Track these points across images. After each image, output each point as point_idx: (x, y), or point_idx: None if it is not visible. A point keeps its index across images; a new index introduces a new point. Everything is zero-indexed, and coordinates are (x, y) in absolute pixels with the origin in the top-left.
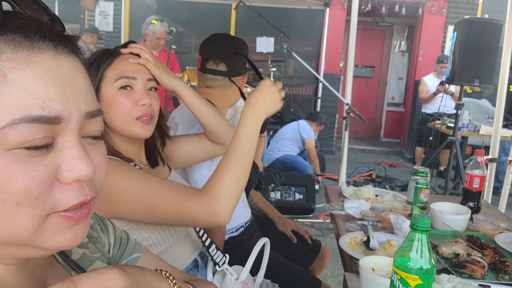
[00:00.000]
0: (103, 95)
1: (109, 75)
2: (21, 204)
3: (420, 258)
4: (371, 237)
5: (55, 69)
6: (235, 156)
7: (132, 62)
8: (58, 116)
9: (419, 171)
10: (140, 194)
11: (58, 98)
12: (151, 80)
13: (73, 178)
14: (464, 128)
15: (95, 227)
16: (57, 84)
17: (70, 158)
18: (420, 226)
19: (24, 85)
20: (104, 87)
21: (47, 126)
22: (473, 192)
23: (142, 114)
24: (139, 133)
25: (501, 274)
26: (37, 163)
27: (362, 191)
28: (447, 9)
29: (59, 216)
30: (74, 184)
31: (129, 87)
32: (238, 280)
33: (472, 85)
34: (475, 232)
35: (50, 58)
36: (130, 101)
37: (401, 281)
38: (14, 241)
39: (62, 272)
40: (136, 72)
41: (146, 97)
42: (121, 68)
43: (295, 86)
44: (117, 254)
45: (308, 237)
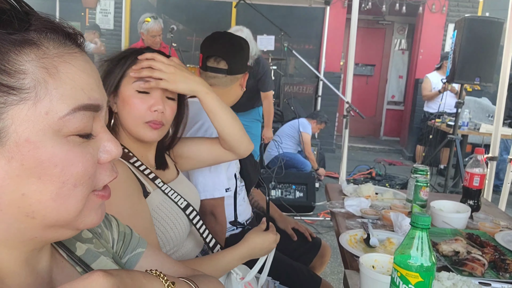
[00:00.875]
0: (121, 93)
1: (130, 74)
2: (78, 184)
3: (420, 255)
4: (371, 234)
5: (87, 63)
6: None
7: (144, 87)
8: (99, 104)
9: (419, 169)
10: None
11: (96, 89)
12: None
13: (111, 158)
14: (464, 126)
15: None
16: (91, 76)
17: (105, 141)
18: (420, 223)
19: (73, 77)
20: (123, 85)
21: (93, 113)
22: (473, 190)
23: (152, 120)
24: (145, 137)
25: (501, 272)
26: (88, 147)
27: (362, 189)
28: (448, 7)
29: (97, 195)
30: (108, 164)
31: (146, 91)
32: (243, 280)
33: (473, 83)
34: (475, 230)
35: (80, 55)
36: (144, 105)
37: (401, 278)
38: (62, 222)
39: (67, 267)
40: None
41: (159, 104)
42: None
43: (295, 84)
44: (121, 250)
45: (308, 234)
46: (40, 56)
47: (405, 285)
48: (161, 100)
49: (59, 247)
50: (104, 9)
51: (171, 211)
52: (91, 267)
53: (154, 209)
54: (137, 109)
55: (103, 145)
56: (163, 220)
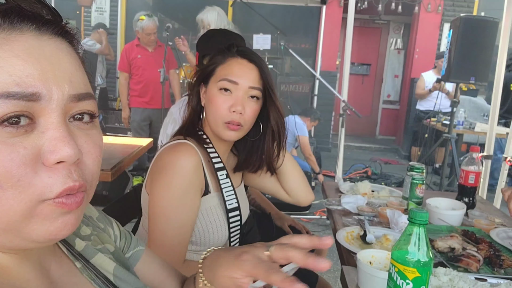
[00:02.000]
0: (208, 90)
1: (218, 73)
2: (5, 187)
3: (417, 251)
4: (367, 231)
5: (35, 47)
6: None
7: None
8: (36, 93)
9: (415, 167)
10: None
11: (36, 76)
12: (254, 88)
13: (55, 159)
14: (459, 125)
15: (101, 218)
16: (36, 62)
17: (52, 139)
18: (418, 219)
19: (1, 63)
20: (211, 83)
21: (24, 103)
22: (468, 188)
23: (231, 120)
24: (222, 135)
25: (496, 267)
26: (16, 145)
27: (359, 186)
28: (443, 7)
29: (54, 203)
30: (60, 168)
31: (229, 90)
32: (253, 283)
33: (468, 82)
34: (470, 227)
35: (30, 38)
36: (226, 105)
37: (399, 274)
38: (5, 225)
39: (66, 261)
40: (239, 77)
41: (239, 105)
42: (229, 70)
43: (292, 83)
44: (125, 245)
45: (305, 232)
46: None
47: (402, 280)
48: (242, 100)
49: (59, 241)
50: (99, 7)
51: (217, 219)
52: (91, 262)
53: (206, 209)
54: (218, 107)
55: (48, 144)
56: (209, 222)
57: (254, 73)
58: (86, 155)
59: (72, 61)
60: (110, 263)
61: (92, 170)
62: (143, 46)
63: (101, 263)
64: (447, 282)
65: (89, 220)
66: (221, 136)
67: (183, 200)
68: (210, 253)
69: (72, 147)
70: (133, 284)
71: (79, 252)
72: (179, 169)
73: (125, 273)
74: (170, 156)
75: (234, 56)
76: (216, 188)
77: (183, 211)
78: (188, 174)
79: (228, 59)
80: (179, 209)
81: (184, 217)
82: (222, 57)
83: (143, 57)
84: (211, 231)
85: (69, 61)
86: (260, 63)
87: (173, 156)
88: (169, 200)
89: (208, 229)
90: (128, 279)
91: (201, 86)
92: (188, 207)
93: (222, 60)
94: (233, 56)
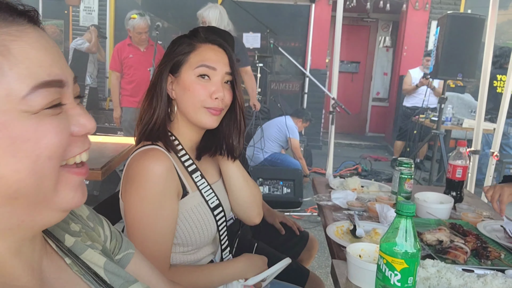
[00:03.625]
0: (181, 79)
1: (192, 60)
2: (53, 156)
3: (405, 242)
4: (357, 225)
5: (42, 39)
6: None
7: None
8: (62, 80)
9: (403, 162)
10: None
11: (56, 65)
12: (228, 73)
13: (85, 131)
14: (447, 121)
15: (91, 217)
16: (49, 52)
17: (78, 116)
18: (405, 211)
19: (28, 54)
20: (184, 71)
21: (57, 89)
22: (456, 182)
23: (213, 107)
24: (205, 122)
25: (483, 259)
26: (59, 119)
27: (349, 182)
28: (431, 4)
29: (71, 171)
30: (79, 137)
31: (207, 76)
32: (244, 281)
33: (455, 79)
34: (458, 220)
35: (31, 30)
36: (205, 91)
37: (387, 265)
38: (43, 199)
39: (56, 258)
40: (217, 63)
41: (220, 91)
42: (204, 56)
43: (282, 81)
44: (115, 247)
45: (296, 228)
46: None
47: (391, 271)
48: (221, 86)
49: (49, 237)
50: (88, 6)
51: (203, 215)
52: (80, 258)
53: (187, 210)
54: (198, 95)
55: (76, 119)
56: (192, 222)
57: (226, 59)
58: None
59: (57, 47)
60: (100, 258)
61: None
62: (135, 45)
63: (91, 258)
64: (435, 274)
65: (79, 218)
66: (201, 122)
67: (159, 208)
68: None
69: (92, 121)
70: (124, 277)
71: (69, 248)
72: (151, 177)
73: (115, 267)
74: (140, 164)
75: (204, 42)
76: (193, 187)
77: (160, 219)
78: (161, 181)
79: (198, 45)
80: (156, 218)
81: (163, 224)
82: (190, 44)
83: (135, 56)
84: (198, 230)
85: (57, 47)
86: (228, 48)
87: (143, 163)
88: (145, 211)
89: (193, 229)
90: (119, 273)
91: (168, 78)
92: (165, 214)
93: (193, 47)
94: (203, 42)
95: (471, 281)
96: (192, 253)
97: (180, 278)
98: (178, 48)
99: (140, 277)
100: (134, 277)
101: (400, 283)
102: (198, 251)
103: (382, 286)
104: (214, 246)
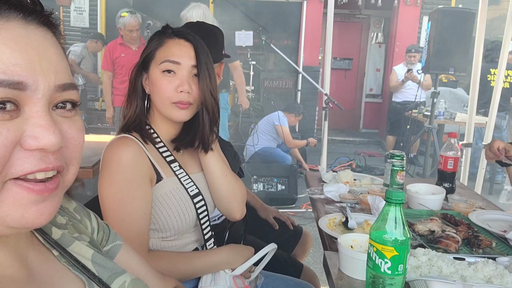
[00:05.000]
0: (150, 75)
1: (158, 55)
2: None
3: (395, 230)
4: (349, 217)
5: (23, 37)
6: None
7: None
8: (22, 82)
9: (395, 154)
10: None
11: (24, 65)
12: (195, 66)
13: (37, 146)
14: (440, 116)
15: (79, 210)
16: (24, 51)
17: (36, 126)
18: (394, 199)
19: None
20: (152, 68)
21: (10, 90)
22: (447, 173)
23: (179, 101)
24: (174, 116)
25: (474, 248)
26: (5, 125)
27: (341, 175)
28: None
29: (20, 184)
30: (36, 152)
31: (172, 71)
32: (232, 272)
33: (447, 73)
34: (449, 211)
35: (18, 26)
36: (171, 86)
37: (377, 253)
38: None
39: (43, 250)
40: (181, 58)
41: (185, 84)
42: (169, 51)
43: (275, 79)
44: (103, 239)
45: (290, 223)
46: None
47: (381, 259)
48: (187, 80)
49: (35, 230)
50: (78, 7)
51: (179, 200)
52: (68, 250)
53: (162, 195)
54: (164, 90)
55: (32, 130)
56: (168, 207)
57: (192, 52)
58: (70, 141)
59: (57, 52)
60: (88, 250)
61: (74, 154)
62: (127, 44)
63: (79, 250)
64: (426, 262)
65: (65, 211)
66: (172, 117)
67: (130, 192)
68: None
69: (57, 136)
70: (112, 269)
71: (56, 240)
72: (118, 163)
73: (103, 259)
74: (109, 152)
75: (170, 37)
76: (168, 173)
77: (132, 204)
78: (129, 166)
79: (165, 40)
80: (127, 202)
81: (135, 209)
82: (159, 40)
83: (127, 56)
84: (175, 215)
85: (54, 52)
86: (195, 41)
87: (111, 151)
88: (115, 196)
89: (170, 214)
90: (106, 264)
91: (142, 74)
92: (137, 196)
93: (160, 43)
94: (169, 37)
95: (462, 268)
96: (173, 240)
97: (160, 262)
98: (148, 44)
99: (129, 268)
100: (123, 268)
101: (390, 271)
102: (179, 237)
103: (373, 274)
104: (197, 233)
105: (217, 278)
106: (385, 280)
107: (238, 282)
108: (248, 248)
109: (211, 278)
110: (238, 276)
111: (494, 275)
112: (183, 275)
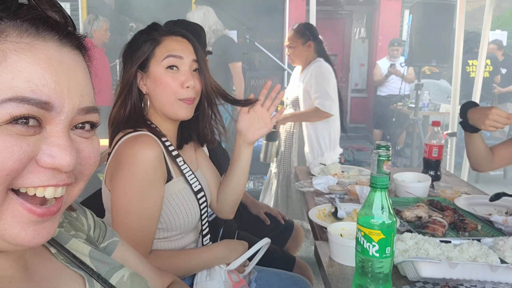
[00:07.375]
0: (151, 73)
1: (158, 53)
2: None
3: (381, 213)
4: (338, 208)
5: (56, 59)
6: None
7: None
8: (49, 102)
9: (381, 145)
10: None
11: (53, 86)
12: (195, 61)
13: (52, 164)
14: (425, 108)
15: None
16: (54, 73)
17: (54, 146)
18: (379, 184)
19: (22, 68)
20: (152, 65)
21: (36, 109)
22: (432, 161)
23: (186, 97)
24: (181, 114)
25: (461, 231)
26: (20, 140)
27: (329, 168)
28: None
29: (20, 202)
30: (49, 170)
31: (176, 67)
32: (227, 267)
33: (430, 65)
34: (436, 197)
35: (53, 48)
36: (176, 82)
37: (365, 237)
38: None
39: (41, 248)
40: (183, 52)
41: (190, 79)
42: (169, 47)
43: (261, 77)
44: (99, 236)
45: (281, 218)
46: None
47: (368, 243)
48: (191, 74)
49: None
50: None
51: (187, 199)
52: (65, 247)
53: (172, 194)
54: (170, 87)
55: (49, 149)
56: (177, 207)
57: (190, 47)
58: (85, 160)
59: (85, 76)
60: (85, 246)
61: (85, 172)
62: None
63: (76, 247)
64: (413, 246)
65: None
66: (176, 115)
67: (148, 192)
68: None
69: (73, 157)
70: (110, 264)
71: (53, 238)
72: (142, 161)
73: (101, 254)
74: (132, 149)
75: (167, 35)
76: (177, 173)
77: (148, 204)
78: (152, 166)
79: (162, 38)
80: (144, 202)
81: (149, 210)
82: (154, 39)
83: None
84: (183, 214)
85: (82, 76)
86: (191, 38)
87: (133, 148)
88: (134, 194)
89: (178, 213)
90: (104, 259)
91: (137, 74)
92: (153, 199)
93: (157, 41)
94: (166, 35)
95: (448, 250)
96: (176, 239)
97: (160, 262)
98: (142, 45)
99: (127, 264)
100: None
101: (378, 254)
102: (182, 237)
103: (362, 259)
104: (196, 233)
105: (212, 273)
106: (373, 264)
107: (233, 277)
108: (243, 243)
109: (206, 273)
110: (233, 271)
111: (479, 255)
112: (181, 272)
